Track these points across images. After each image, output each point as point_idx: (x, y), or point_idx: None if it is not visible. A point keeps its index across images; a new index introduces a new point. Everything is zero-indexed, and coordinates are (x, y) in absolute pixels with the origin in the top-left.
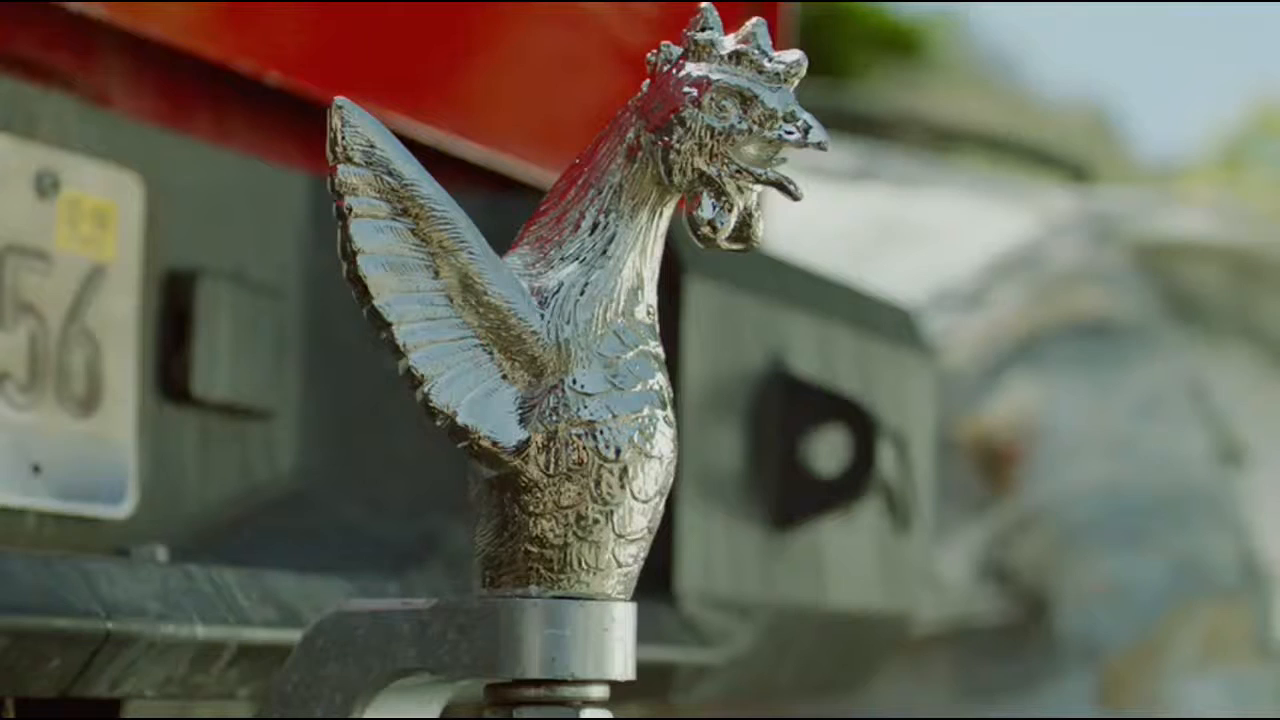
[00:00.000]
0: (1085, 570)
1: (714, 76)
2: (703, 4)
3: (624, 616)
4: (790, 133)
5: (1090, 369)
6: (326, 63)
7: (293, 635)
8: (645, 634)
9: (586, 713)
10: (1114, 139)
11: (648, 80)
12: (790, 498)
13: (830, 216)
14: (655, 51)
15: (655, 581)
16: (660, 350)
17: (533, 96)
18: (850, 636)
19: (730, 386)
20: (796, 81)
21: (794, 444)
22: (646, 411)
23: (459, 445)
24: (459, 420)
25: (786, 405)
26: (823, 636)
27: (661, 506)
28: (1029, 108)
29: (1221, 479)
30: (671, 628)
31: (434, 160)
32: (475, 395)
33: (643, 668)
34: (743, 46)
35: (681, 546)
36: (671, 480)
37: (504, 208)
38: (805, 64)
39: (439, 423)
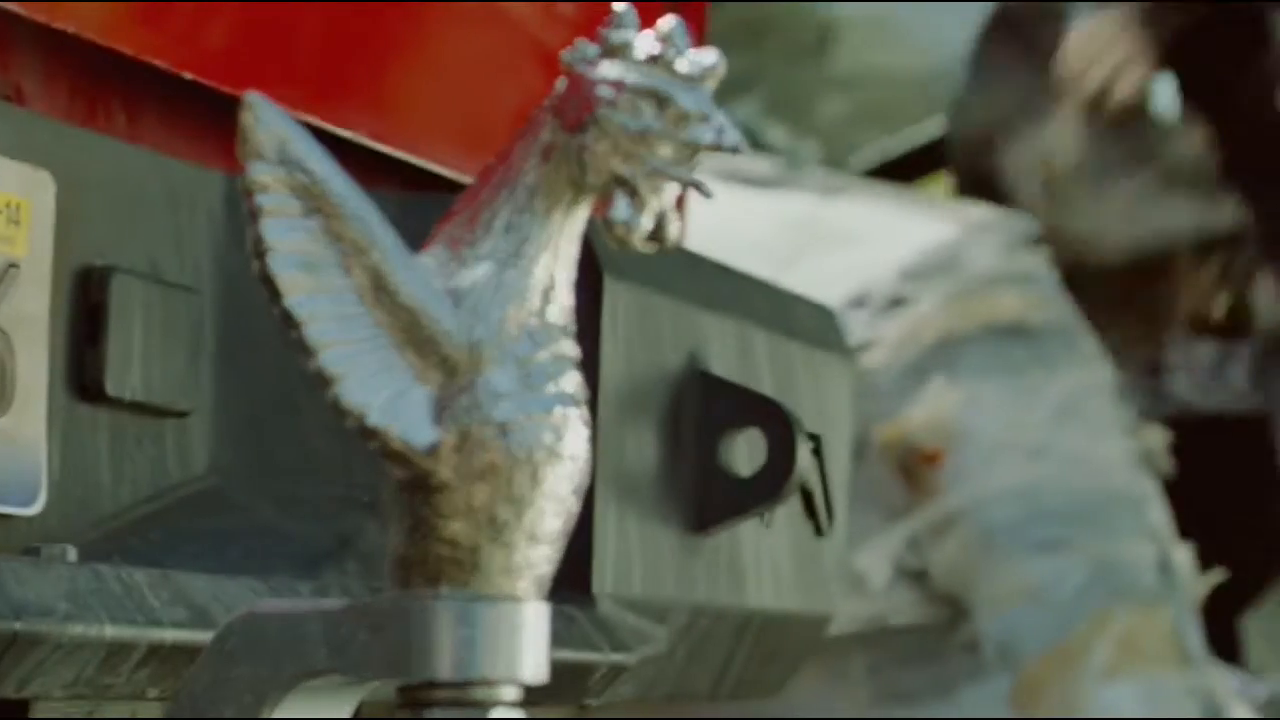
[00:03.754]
0: (1004, 574)
1: (629, 77)
2: (620, 4)
3: (537, 617)
4: (706, 135)
5: (1010, 372)
6: (242, 59)
7: (203, 636)
8: (560, 635)
9: (497, 713)
10: None
11: (563, 80)
12: (708, 499)
13: (749, 221)
14: (570, 50)
15: (571, 582)
16: (575, 351)
17: (452, 95)
18: (768, 638)
19: (648, 387)
20: (714, 83)
21: (712, 445)
22: (559, 412)
23: (370, 446)
24: (369, 421)
25: (705, 406)
26: (740, 638)
27: (575, 508)
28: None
29: (1141, 483)
30: (587, 629)
31: (351, 158)
32: (386, 395)
33: (558, 669)
34: (659, 47)
35: (598, 547)
36: (586, 481)
37: (420, 206)
38: (723, 65)
39: (349, 423)
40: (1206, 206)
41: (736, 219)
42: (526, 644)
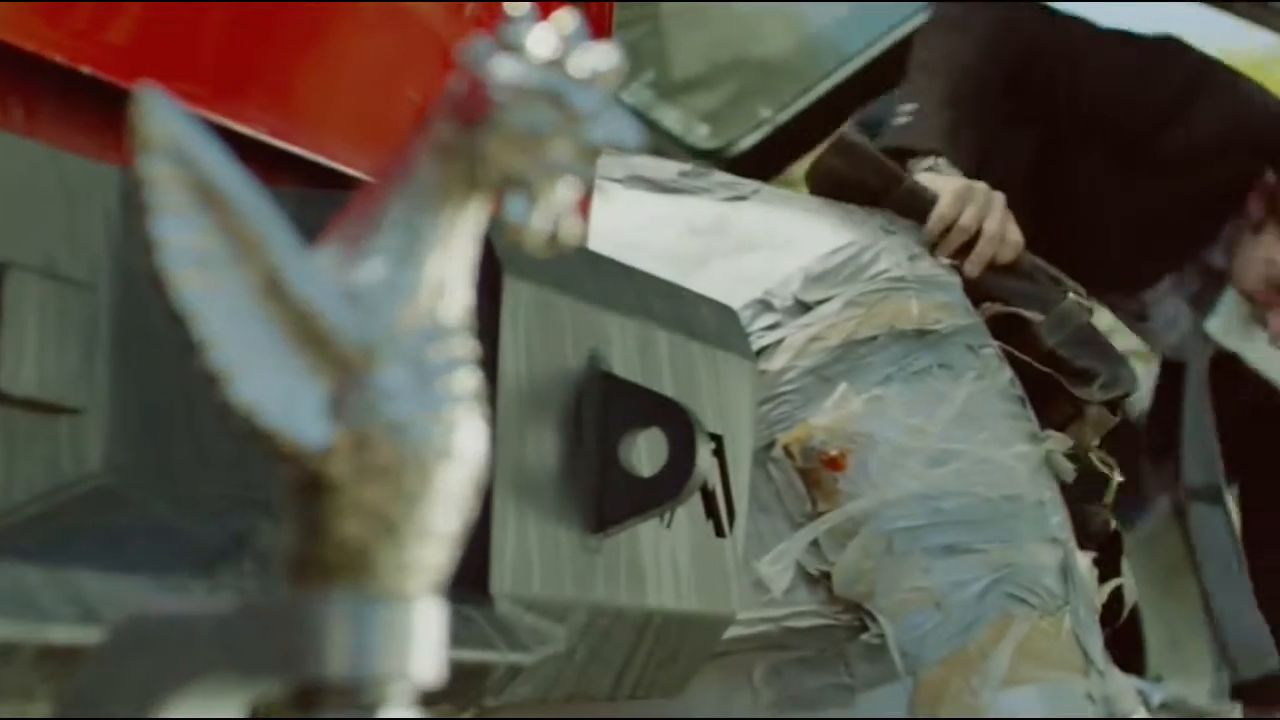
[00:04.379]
0: (905, 578)
1: (526, 76)
2: (519, 3)
3: (430, 617)
4: (601, 134)
5: (913, 378)
6: (141, 55)
7: (95, 635)
8: (457, 635)
9: (388, 713)
10: None
11: (459, 78)
12: (608, 499)
13: (654, 224)
14: (467, 48)
15: (469, 582)
16: (469, 349)
17: (355, 92)
18: (667, 639)
19: (548, 386)
20: (611, 82)
21: (612, 445)
22: (453, 411)
23: (261, 445)
24: (260, 420)
25: (605, 405)
26: (640, 638)
27: (469, 507)
28: None
29: (1043, 488)
30: (485, 629)
31: (251, 155)
32: (278, 394)
33: (454, 669)
34: (557, 45)
35: (496, 547)
36: (481, 480)
37: (319, 203)
38: (621, 64)
39: (240, 422)
40: None
41: (643, 223)
42: (419, 644)
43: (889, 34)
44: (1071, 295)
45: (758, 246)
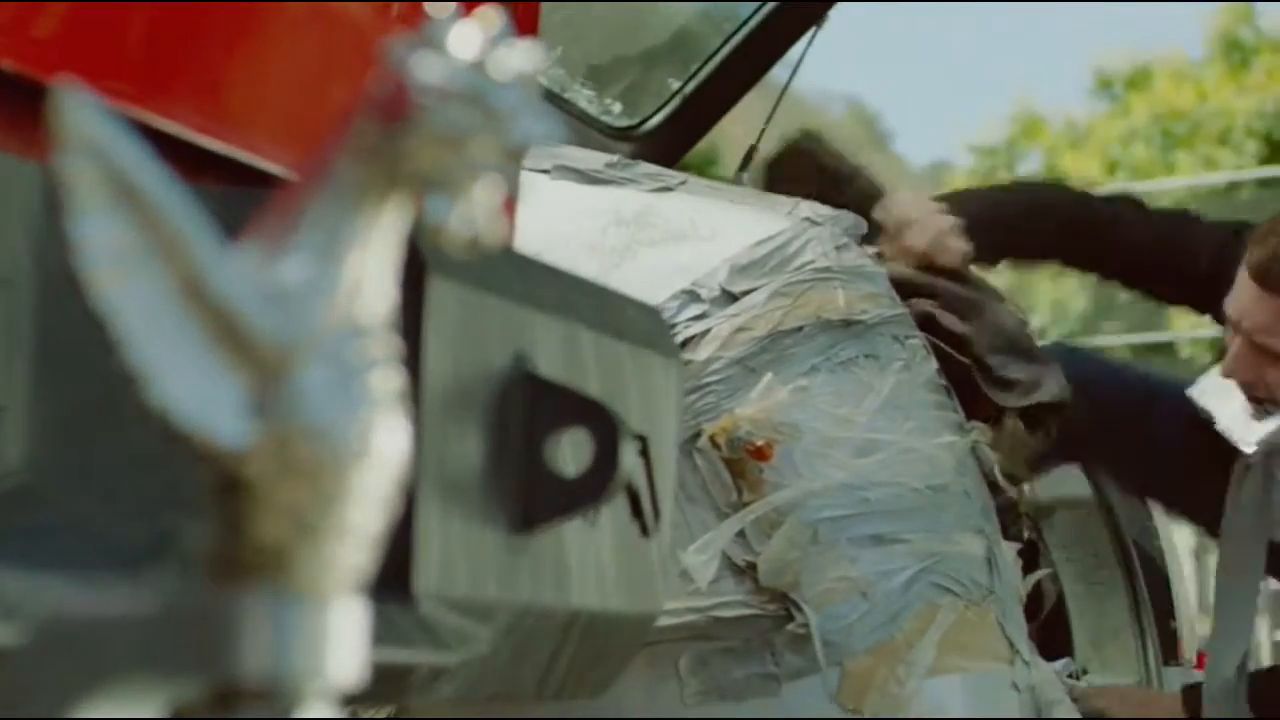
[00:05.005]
0: (831, 568)
1: (447, 76)
2: (443, 3)
3: (349, 617)
4: (522, 135)
5: (839, 368)
6: (64, 51)
7: (14, 634)
8: (380, 635)
9: (305, 713)
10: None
11: (382, 77)
12: (533, 499)
13: (581, 215)
14: (390, 48)
15: (393, 582)
16: (389, 349)
17: (281, 91)
18: (592, 638)
19: (473, 386)
20: (532, 80)
21: (537, 445)
22: (373, 411)
23: (181, 444)
24: (179, 419)
25: (530, 406)
26: (564, 638)
27: (390, 507)
28: (801, 117)
29: (968, 479)
30: (408, 629)
31: (175, 152)
32: (197, 393)
33: (377, 669)
34: (480, 45)
35: (420, 547)
36: (403, 480)
37: (242, 202)
38: (542, 62)
39: (160, 421)
40: None
41: (570, 214)
42: (338, 644)
43: None
44: (1007, 303)
45: (684, 237)
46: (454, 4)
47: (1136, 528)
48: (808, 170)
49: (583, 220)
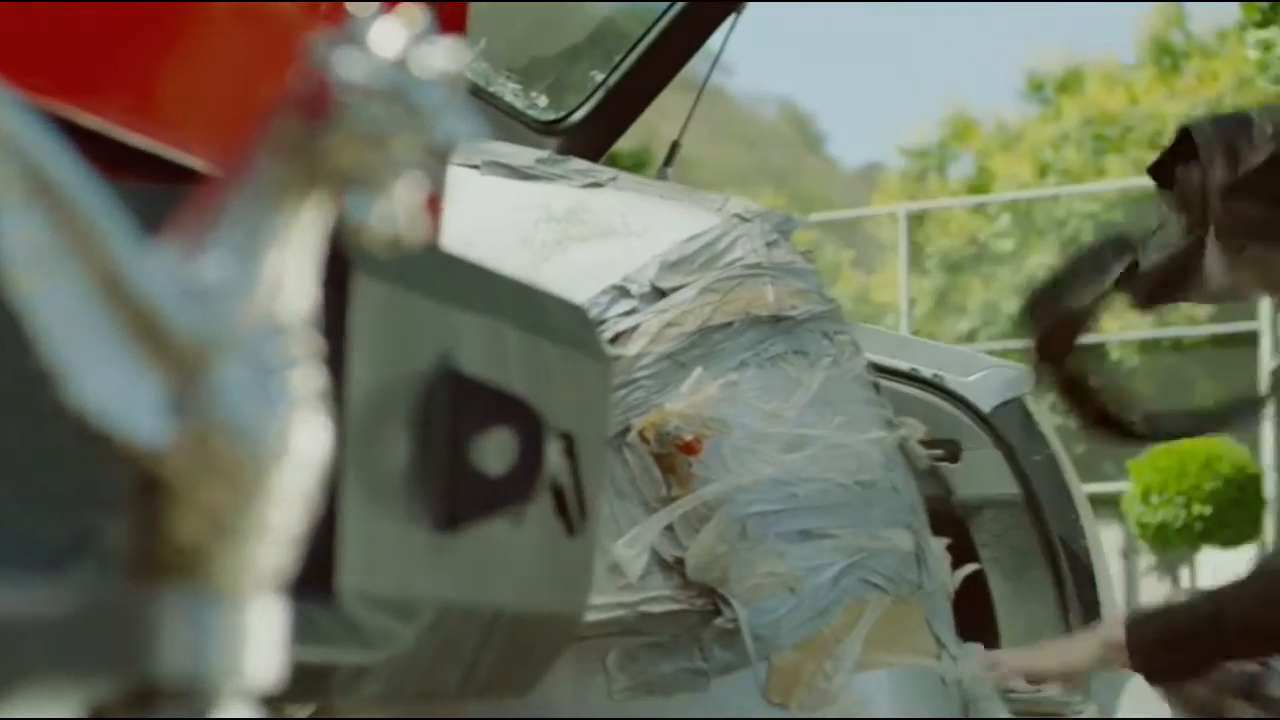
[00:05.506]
0: (760, 563)
1: (370, 74)
2: (367, 1)
3: (268, 617)
4: (443, 133)
5: (768, 363)
6: None
7: None
8: (302, 634)
9: (223, 713)
10: (817, 148)
11: (303, 74)
12: (456, 498)
13: (512, 211)
14: (312, 45)
15: (316, 581)
16: (309, 347)
17: (207, 86)
18: (517, 637)
19: (398, 385)
20: (456, 79)
21: (462, 444)
22: (293, 410)
23: (99, 442)
24: (97, 417)
25: (455, 405)
26: (488, 637)
27: (310, 507)
28: (735, 119)
29: (897, 474)
30: (331, 628)
31: (96, 149)
32: (115, 391)
33: (299, 668)
34: (402, 43)
35: (343, 546)
36: (324, 479)
37: (164, 199)
38: (465, 60)
39: (79, 419)
40: None
41: (501, 209)
42: (256, 643)
43: None
44: None
45: (615, 233)
46: (377, 2)
47: (1063, 526)
48: None
49: (513, 216)
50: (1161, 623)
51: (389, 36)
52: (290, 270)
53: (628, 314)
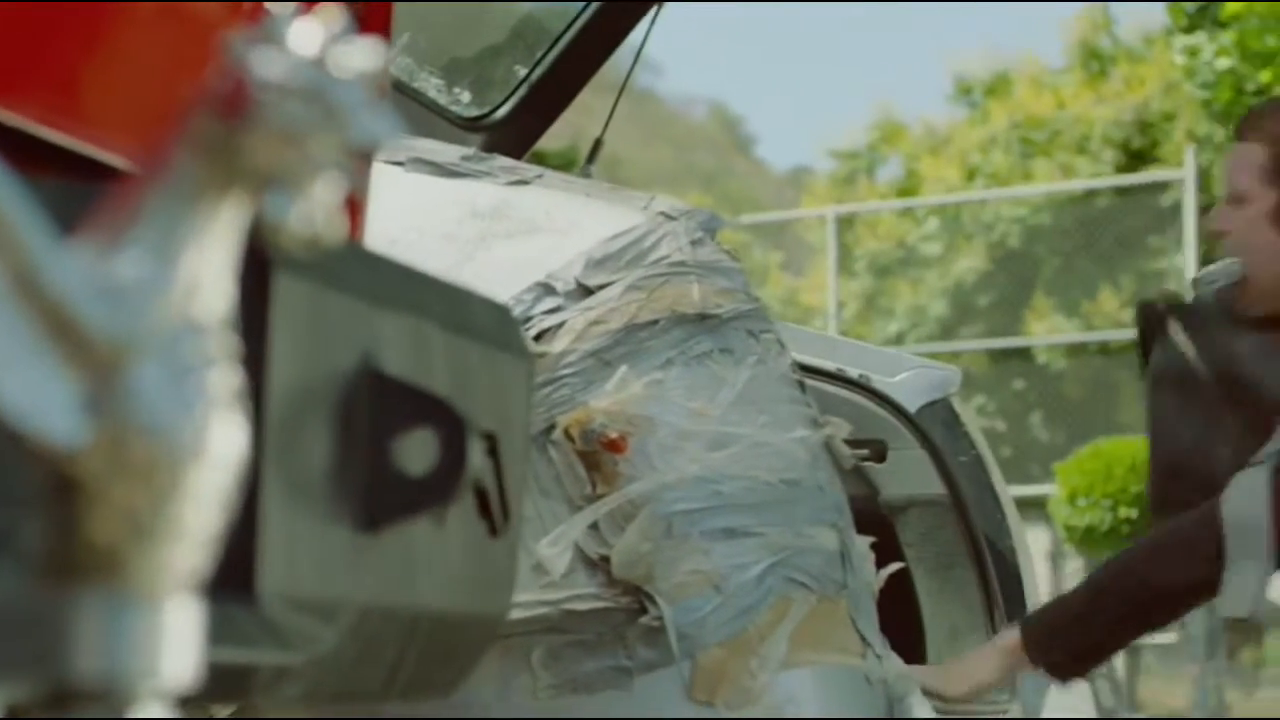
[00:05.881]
0: (685, 561)
1: (287, 72)
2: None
3: (185, 617)
4: (360, 132)
5: (693, 361)
6: None
7: None
8: (222, 635)
9: (141, 713)
10: (746, 151)
11: (221, 72)
12: (378, 498)
13: (436, 207)
14: (230, 44)
15: (236, 581)
16: (227, 347)
17: (127, 83)
18: (440, 638)
19: (319, 385)
20: (374, 78)
21: (383, 444)
22: (209, 411)
23: (13, 441)
24: (12, 416)
25: (377, 404)
26: (411, 638)
27: (227, 508)
28: (665, 120)
29: (822, 473)
30: (252, 628)
31: (8, 144)
32: (30, 390)
33: (219, 669)
34: (319, 42)
35: (264, 546)
36: (243, 479)
37: (82, 196)
38: (384, 59)
39: None
40: None
41: (425, 206)
42: (173, 644)
43: None
44: None
45: (540, 230)
46: (295, 1)
47: (989, 526)
48: None
49: (438, 212)
50: (1049, 614)
51: (307, 35)
52: (208, 269)
53: (553, 311)
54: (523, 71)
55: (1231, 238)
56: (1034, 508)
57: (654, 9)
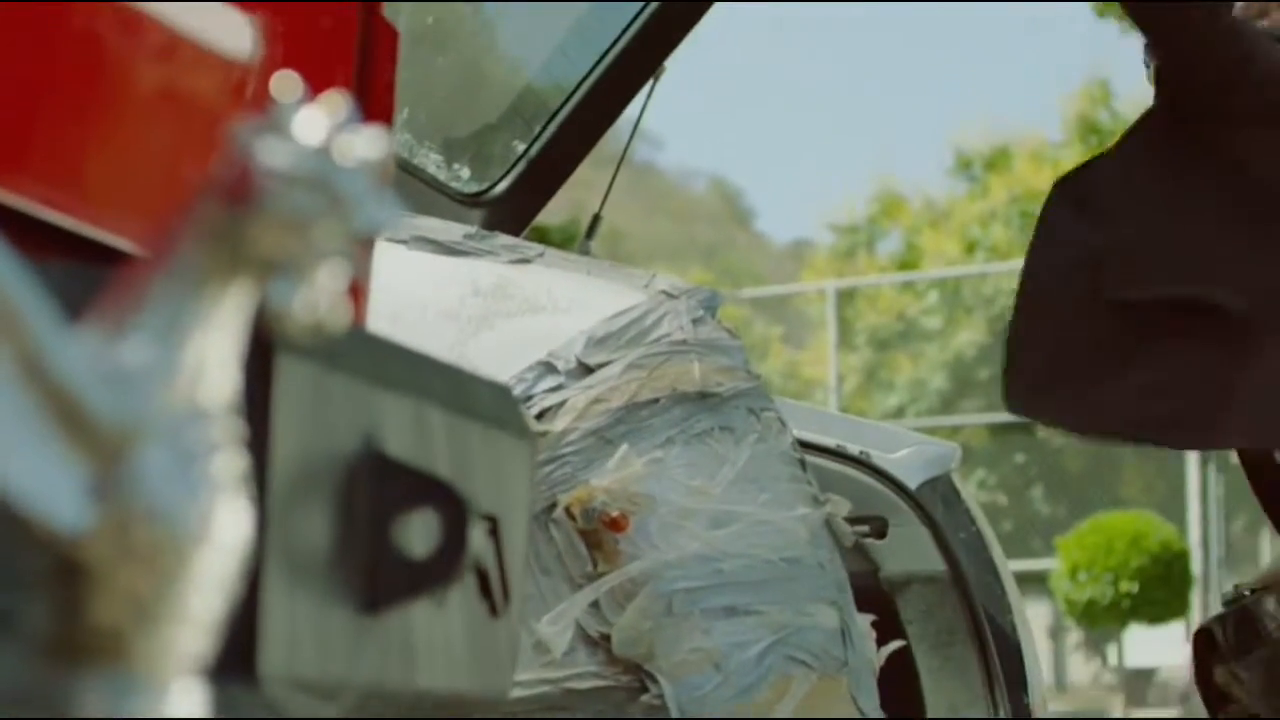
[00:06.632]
0: (686, 639)
1: (292, 159)
2: (288, 86)
3: (187, 701)
4: (365, 220)
5: (695, 439)
6: None
7: None
8: (226, 716)
9: None
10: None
11: (226, 160)
12: (381, 579)
13: (439, 285)
14: (235, 130)
15: (238, 663)
16: (231, 431)
17: (131, 166)
18: (442, 718)
19: (321, 465)
20: (376, 164)
21: (385, 525)
22: (213, 495)
23: (19, 524)
24: (18, 500)
25: (378, 486)
26: (413, 718)
27: (231, 590)
28: (666, 193)
29: (823, 550)
30: (254, 710)
31: (15, 226)
32: (37, 474)
33: None
34: (325, 129)
35: (265, 628)
36: (247, 562)
37: (88, 279)
38: (386, 146)
39: None
40: None
41: (427, 283)
42: None
43: (617, 42)
44: None
45: (541, 309)
46: (301, 88)
47: (990, 602)
48: None
49: (440, 290)
50: None
51: (312, 124)
52: (213, 355)
53: (554, 390)
54: (521, 147)
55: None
56: (1035, 582)
57: (651, 82)
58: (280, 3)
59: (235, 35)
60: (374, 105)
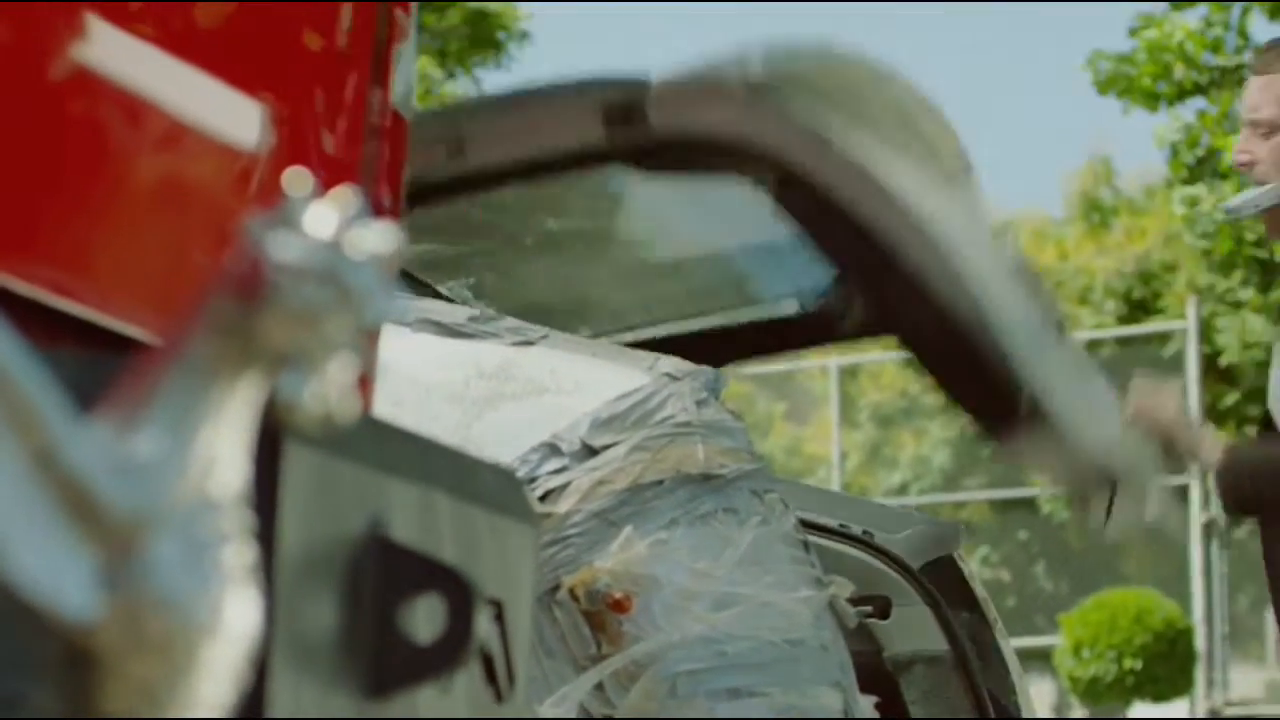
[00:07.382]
0: None
1: (303, 254)
2: (299, 180)
3: None
4: (375, 314)
5: (698, 521)
6: None
7: None
8: None
9: None
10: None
11: (237, 254)
12: (386, 665)
13: (443, 367)
14: (247, 224)
15: None
16: (241, 522)
17: (141, 255)
18: None
19: (328, 551)
20: (385, 259)
21: (391, 611)
22: (224, 586)
23: (30, 613)
24: (29, 590)
25: (384, 572)
26: None
27: (240, 678)
28: None
29: (826, 632)
30: None
31: (28, 317)
32: (48, 564)
33: None
34: (335, 223)
35: (273, 714)
36: (254, 650)
37: (101, 368)
38: (395, 240)
39: (9, 590)
40: None
41: (432, 364)
42: None
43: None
44: None
45: (545, 391)
46: (311, 182)
47: (993, 682)
48: None
49: (445, 372)
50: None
51: (323, 219)
52: (223, 447)
53: (558, 471)
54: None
55: (1260, 166)
56: (1039, 659)
57: None
58: (290, 90)
59: (246, 124)
60: (382, 200)
